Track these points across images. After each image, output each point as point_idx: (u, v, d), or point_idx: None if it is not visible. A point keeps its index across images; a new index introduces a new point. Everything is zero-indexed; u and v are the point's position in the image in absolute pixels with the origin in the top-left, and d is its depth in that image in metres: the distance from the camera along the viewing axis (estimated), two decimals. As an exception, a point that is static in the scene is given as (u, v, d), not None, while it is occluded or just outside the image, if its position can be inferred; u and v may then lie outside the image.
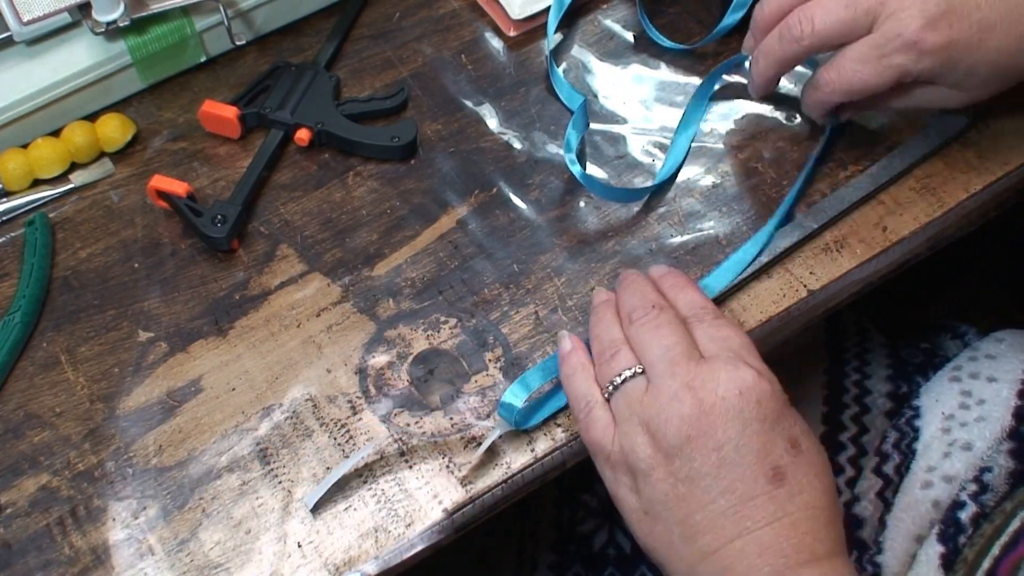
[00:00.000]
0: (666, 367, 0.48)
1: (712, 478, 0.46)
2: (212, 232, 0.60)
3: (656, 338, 0.49)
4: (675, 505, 0.46)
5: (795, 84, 0.67)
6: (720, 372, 0.47)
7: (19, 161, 0.63)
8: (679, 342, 0.49)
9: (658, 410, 0.47)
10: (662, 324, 0.50)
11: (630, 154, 0.65)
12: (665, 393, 0.47)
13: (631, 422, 0.48)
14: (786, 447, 0.47)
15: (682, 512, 0.46)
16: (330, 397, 0.56)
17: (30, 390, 0.57)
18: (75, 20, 0.64)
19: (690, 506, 0.46)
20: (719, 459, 0.46)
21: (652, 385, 0.48)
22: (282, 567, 0.51)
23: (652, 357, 0.49)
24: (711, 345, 0.49)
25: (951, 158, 0.63)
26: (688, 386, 0.47)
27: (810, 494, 0.46)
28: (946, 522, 0.58)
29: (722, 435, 0.46)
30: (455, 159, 0.65)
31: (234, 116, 0.65)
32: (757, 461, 0.46)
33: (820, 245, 0.60)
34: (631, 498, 0.49)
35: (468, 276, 0.60)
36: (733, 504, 0.46)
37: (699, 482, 0.46)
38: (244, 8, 0.68)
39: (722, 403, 0.46)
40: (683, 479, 0.46)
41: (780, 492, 0.46)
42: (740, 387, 0.47)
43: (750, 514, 0.45)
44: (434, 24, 0.72)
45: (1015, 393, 0.62)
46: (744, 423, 0.46)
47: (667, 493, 0.47)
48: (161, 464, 0.54)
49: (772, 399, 0.47)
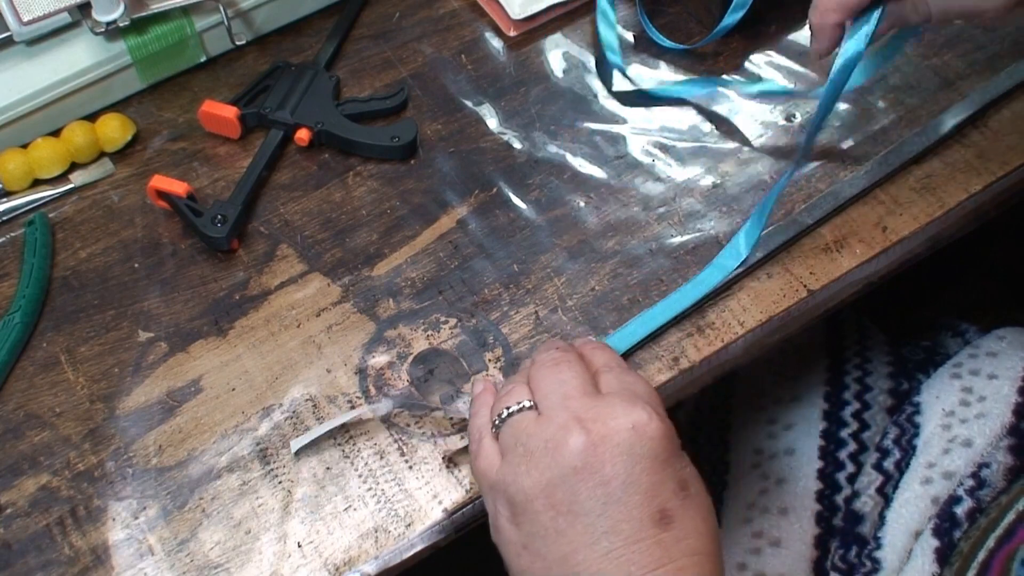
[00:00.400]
0: (559, 399, 0.46)
1: (596, 516, 0.43)
2: (212, 232, 0.60)
3: (553, 374, 0.48)
4: (555, 540, 0.44)
5: (795, 84, 0.68)
6: (616, 407, 0.45)
7: (19, 161, 0.63)
8: (576, 377, 0.47)
9: (544, 439, 0.45)
10: (561, 362, 0.48)
11: (630, 154, 0.65)
12: (554, 423, 0.45)
13: (516, 451, 0.46)
14: (675, 489, 0.44)
15: (562, 549, 0.44)
16: (330, 397, 0.56)
17: (30, 390, 0.57)
18: (75, 20, 0.64)
19: (572, 544, 0.44)
20: (605, 495, 0.43)
21: (542, 416, 0.46)
22: (282, 567, 0.51)
23: (545, 390, 0.47)
24: (614, 384, 0.48)
25: (951, 158, 0.63)
26: (579, 418, 0.45)
27: (696, 540, 0.44)
28: (942, 517, 0.58)
29: (610, 470, 0.44)
30: (455, 159, 0.65)
31: (234, 116, 0.65)
32: (645, 501, 0.43)
33: (820, 245, 0.60)
34: (510, 530, 0.46)
35: (468, 276, 0.60)
36: (617, 546, 0.43)
37: (582, 518, 0.43)
38: (244, 8, 0.68)
39: (613, 436, 0.44)
40: (565, 512, 0.44)
41: (667, 536, 0.43)
42: (633, 422, 0.44)
43: (635, 558, 0.43)
44: (434, 24, 0.72)
45: (1016, 390, 0.62)
46: (634, 459, 0.44)
47: (547, 527, 0.44)
48: (161, 464, 0.54)
49: (665, 439, 0.45)
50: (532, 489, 0.45)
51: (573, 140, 0.66)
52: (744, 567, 0.63)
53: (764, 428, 0.70)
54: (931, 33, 0.68)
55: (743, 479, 0.68)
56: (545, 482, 0.44)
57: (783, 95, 0.66)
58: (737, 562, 0.63)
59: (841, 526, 0.63)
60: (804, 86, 0.67)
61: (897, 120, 0.65)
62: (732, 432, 0.72)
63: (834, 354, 0.72)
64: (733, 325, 0.58)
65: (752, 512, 0.65)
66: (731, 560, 0.64)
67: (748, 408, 0.72)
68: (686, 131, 0.66)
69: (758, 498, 0.66)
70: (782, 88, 0.66)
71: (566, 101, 0.68)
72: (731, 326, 0.58)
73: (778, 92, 0.66)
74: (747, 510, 0.66)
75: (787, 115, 0.66)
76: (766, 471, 0.67)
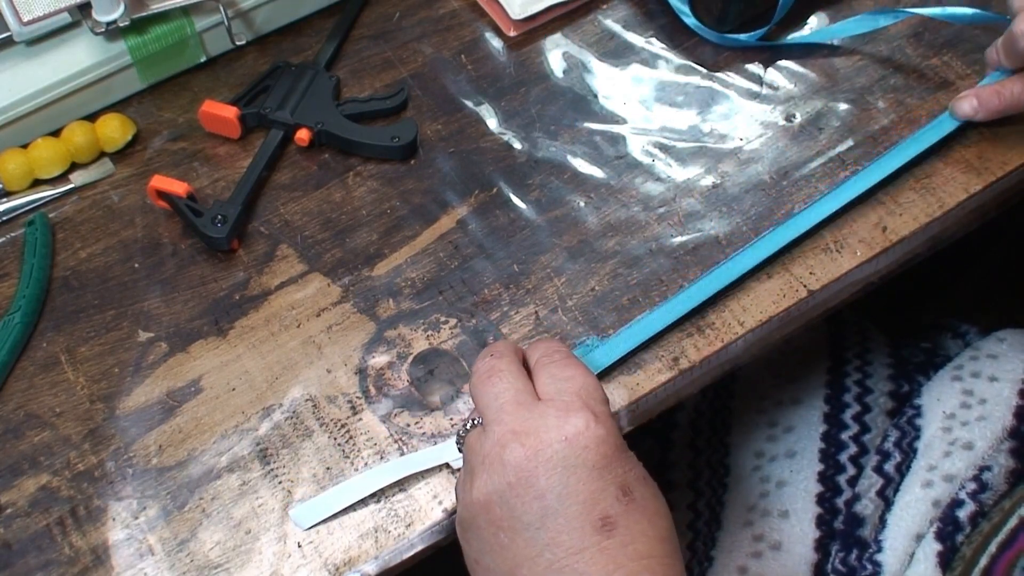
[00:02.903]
0: (494, 414, 0.46)
1: (535, 529, 0.43)
2: (212, 232, 0.60)
3: (487, 387, 0.47)
4: (500, 555, 0.44)
5: (795, 85, 0.68)
6: (549, 417, 0.45)
7: (19, 161, 0.63)
8: (509, 388, 0.47)
9: (483, 456, 0.45)
10: (494, 373, 0.48)
11: (630, 154, 0.65)
12: (491, 438, 0.45)
13: (464, 470, 0.47)
14: (617, 495, 0.44)
15: (508, 564, 0.44)
16: (330, 397, 0.56)
17: (30, 390, 0.57)
18: (75, 20, 0.64)
19: (515, 558, 0.43)
20: (541, 508, 0.43)
21: (483, 431, 0.46)
22: (282, 567, 0.51)
23: (482, 405, 0.47)
24: (550, 386, 0.47)
25: (951, 158, 0.63)
26: (513, 431, 0.44)
27: (644, 544, 0.43)
28: (944, 520, 0.58)
29: (544, 483, 0.43)
30: (455, 159, 0.65)
31: (234, 116, 0.65)
32: (584, 511, 0.43)
33: (820, 245, 0.60)
34: (465, 546, 0.46)
35: (468, 276, 0.60)
36: (560, 558, 0.42)
37: (522, 532, 0.43)
38: (244, 8, 0.68)
39: (547, 449, 0.44)
40: (505, 528, 0.44)
41: (611, 543, 0.42)
42: (567, 433, 0.44)
43: (580, 568, 0.42)
44: (434, 24, 0.72)
45: (1016, 392, 0.62)
46: (568, 470, 0.43)
47: (491, 542, 0.44)
48: (161, 464, 0.54)
49: (602, 444, 0.44)
50: (474, 505, 0.45)
51: (573, 140, 0.66)
52: (745, 570, 0.63)
53: (764, 431, 0.70)
54: (931, 33, 0.68)
55: (743, 482, 0.68)
56: (484, 498, 0.44)
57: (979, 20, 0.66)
58: (738, 565, 0.63)
59: (842, 529, 0.63)
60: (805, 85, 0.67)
61: (897, 120, 0.65)
62: (732, 435, 0.72)
63: (834, 356, 0.72)
64: (733, 325, 0.58)
65: (752, 515, 0.65)
66: (731, 563, 0.64)
67: (748, 411, 0.72)
68: (686, 131, 0.66)
69: (758, 501, 0.66)
70: (972, 14, 0.65)
71: (566, 101, 0.68)
72: (731, 326, 0.58)
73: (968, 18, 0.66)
74: (747, 513, 0.66)
75: (787, 115, 0.66)
76: (766, 474, 0.67)
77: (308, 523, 0.52)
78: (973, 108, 0.62)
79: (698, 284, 0.58)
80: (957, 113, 0.63)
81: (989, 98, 0.62)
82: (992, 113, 0.62)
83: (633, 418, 0.56)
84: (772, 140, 0.65)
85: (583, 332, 0.58)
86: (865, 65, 0.68)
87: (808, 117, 0.66)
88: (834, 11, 0.70)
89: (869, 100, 0.66)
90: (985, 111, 0.62)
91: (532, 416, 0.45)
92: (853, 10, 0.70)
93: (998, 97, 0.62)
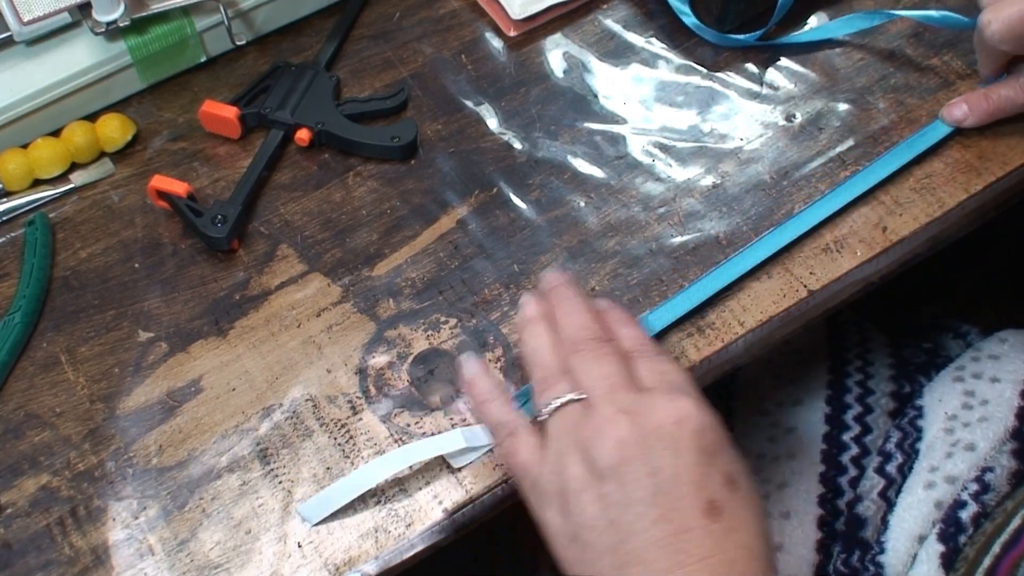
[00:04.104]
0: (605, 393, 0.47)
1: (645, 505, 0.44)
2: (212, 232, 0.60)
3: (598, 366, 0.48)
4: (605, 531, 0.44)
5: (795, 85, 0.68)
6: (659, 400, 0.46)
7: (19, 161, 0.63)
8: (619, 371, 0.48)
9: (593, 432, 0.45)
10: (605, 354, 0.49)
11: (630, 154, 0.65)
12: (602, 415, 0.46)
13: (564, 443, 0.46)
14: (724, 482, 0.45)
15: (612, 539, 0.44)
16: (330, 397, 0.56)
17: (30, 390, 0.57)
18: (75, 20, 0.64)
19: (621, 534, 0.44)
20: (654, 485, 0.44)
21: (589, 409, 0.47)
22: (282, 567, 0.51)
23: (591, 383, 0.47)
24: (650, 378, 0.48)
25: (951, 158, 0.63)
26: (626, 411, 0.45)
27: (746, 534, 0.44)
28: (947, 521, 0.58)
29: (658, 460, 0.44)
30: (455, 159, 0.65)
31: (234, 116, 0.65)
32: (693, 492, 0.44)
33: (820, 245, 0.60)
34: (558, 522, 0.46)
35: (468, 276, 0.60)
36: (667, 535, 0.43)
37: (632, 508, 0.44)
38: (244, 8, 0.68)
39: (659, 430, 0.45)
40: (614, 503, 0.44)
41: (716, 527, 0.43)
42: (678, 416, 0.45)
43: (685, 547, 0.43)
44: (434, 24, 0.72)
45: (1018, 393, 0.62)
46: (680, 452, 0.44)
47: (597, 517, 0.44)
48: (161, 464, 0.54)
49: (710, 431, 0.45)
50: (581, 481, 0.45)
51: (573, 140, 0.66)
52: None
53: (766, 431, 0.70)
54: (931, 33, 0.68)
55: None
56: (596, 474, 0.45)
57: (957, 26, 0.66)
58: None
59: (844, 530, 0.63)
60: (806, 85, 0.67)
61: (897, 120, 0.65)
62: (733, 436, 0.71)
63: (835, 357, 0.72)
64: (733, 325, 0.58)
65: None
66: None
67: (749, 412, 0.72)
68: (686, 131, 0.66)
69: None
70: (956, 18, 0.66)
71: (566, 101, 0.68)
72: (731, 326, 0.58)
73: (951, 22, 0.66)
74: None
75: (787, 115, 0.66)
76: (768, 475, 0.67)
77: (317, 518, 0.52)
78: (963, 113, 0.63)
79: (698, 284, 0.58)
80: (948, 119, 0.63)
81: (978, 102, 0.62)
82: (982, 117, 0.62)
83: (633, 418, 0.56)
84: (772, 140, 0.65)
85: (583, 332, 0.58)
86: (865, 65, 0.68)
87: (808, 117, 0.66)
88: (834, 11, 0.70)
89: (869, 100, 0.66)
90: (975, 116, 0.63)
91: (642, 398, 0.46)
92: (853, 10, 0.70)
93: (987, 101, 0.62)
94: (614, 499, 0.44)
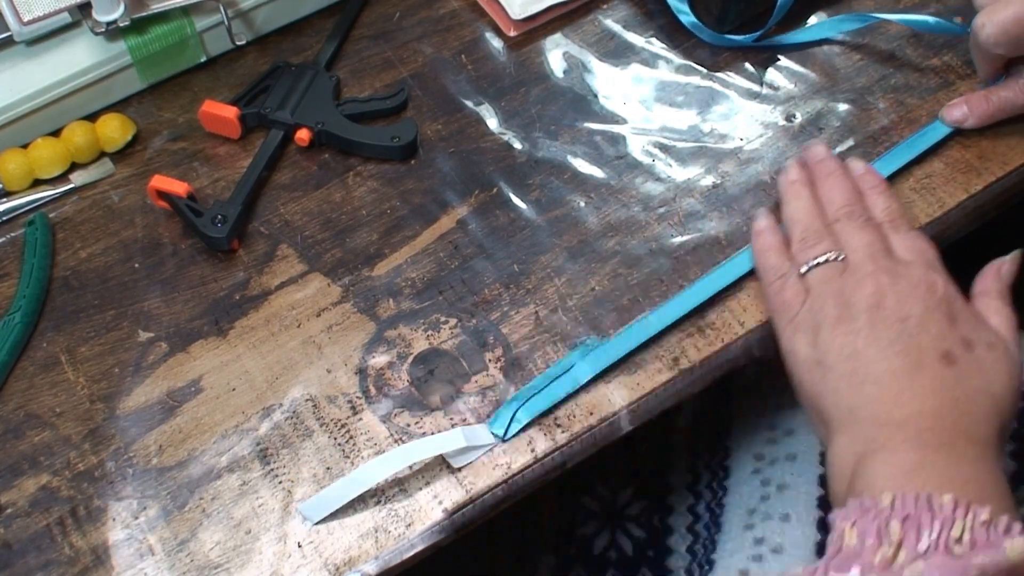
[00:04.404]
0: (865, 255, 0.54)
1: (889, 341, 0.50)
2: (212, 232, 0.60)
3: (859, 234, 0.55)
4: (850, 357, 0.51)
5: (795, 85, 0.68)
6: (914, 268, 0.53)
7: (19, 161, 0.63)
8: (879, 240, 0.55)
9: (853, 283, 0.53)
10: (865, 225, 0.56)
11: (630, 154, 0.65)
12: (863, 271, 0.53)
13: (824, 289, 0.53)
14: (962, 342, 0.50)
15: (855, 364, 0.50)
16: (330, 397, 0.56)
17: (30, 390, 0.57)
18: (75, 20, 0.64)
19: (864, 360, 0.50)
20: (901, 328, 0.50)
21: (850, 267, 0.54)
22: (282, 567, 0.51)
23: (853, 246, 0.54)
24: (908, 253, 0.54)
25: (951, 158, 0.63)
26: (885, 271, 0.53)
27: (972, 390, 0.49)
28: None
29: (907, 310, 0.51)
30: (455, 159, 0.65)
31: (234, 116, 0.65)
32: (934, 341, 0.50)
33: (820, 245, 0.60)
34: (807, 351, 0.53)
35: (468, 276, 0.60)
36: (904, 366, 0.49)
37: (877, 343, 0.50)
38: (244, 8, 0.68)
39: (913, 289, 0.52)
40: (862, 337, 0.51)
41: (948, 372, 0.49)
42: (931, 283, 0.52)
43: (917, 379, 0.49)
44: (434, 24, 0.72)
45: None
46: (928, 308, 0.51)
47: (845, 346, 0.51)
48: (161, 464, 0.54)
49: (956, 301, 0.52)
50: (836, 318, 0.52)
51: (573, 140, 0.66)
52: (745, 573, 0.63)
53: (765, 433, 0.70)
54: (931, 33, 0.68)
55: (744, 485, 0.68)
56: (849, 314, 0.52)
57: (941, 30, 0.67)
58: (739, 568, 0.63)
59: None
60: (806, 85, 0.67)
61: (897, 120, 0.65)
62: (733, 438, 0.71)
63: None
64: (733, 325, 0.58)
65: (754, 518, 0.65)
66: (732, 566, 0.64)
67: (749, 414, 0.72)
68: (686, 131, 0.66)
69: (759, 504, 0.66)
70: (938, 22, 0.67)
71: (566, 101, 0.68)
72: (731, 326, 0.58)
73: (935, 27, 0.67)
74: (748, 516, 0.66)
75: (787, 115, 0.66)
76: (767, 477, 0.67)
77: (318, 516, 0.52)
78: (964, 114, 0.63)
79: (698, 284, 0.58)
80: (947, 120, 0.64)
81: (979, 104, 0.63)
82: (982, 119, 0.63)
83: (633, 418, 0.56)
84: (772, 140, 0.65)
85: (583, 332, 0.58)
86: (865, 65, 0.68)
87: (808, 117, 0.66)
88: (833, 11, 0.70)
89: (869, 100, 0.66)
90: (975, 117, 0.63)
91: (898, 265, 0.53)
92: (853, 10, 0.70)
93: (987, 102, 0.62)
94: (863, 334, 0.51)
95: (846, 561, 0.45)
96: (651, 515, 0.72)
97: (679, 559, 0.69)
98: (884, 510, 0.45)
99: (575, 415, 0.55)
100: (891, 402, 0.49)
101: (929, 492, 0.45)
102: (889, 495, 0.45)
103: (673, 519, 0.71)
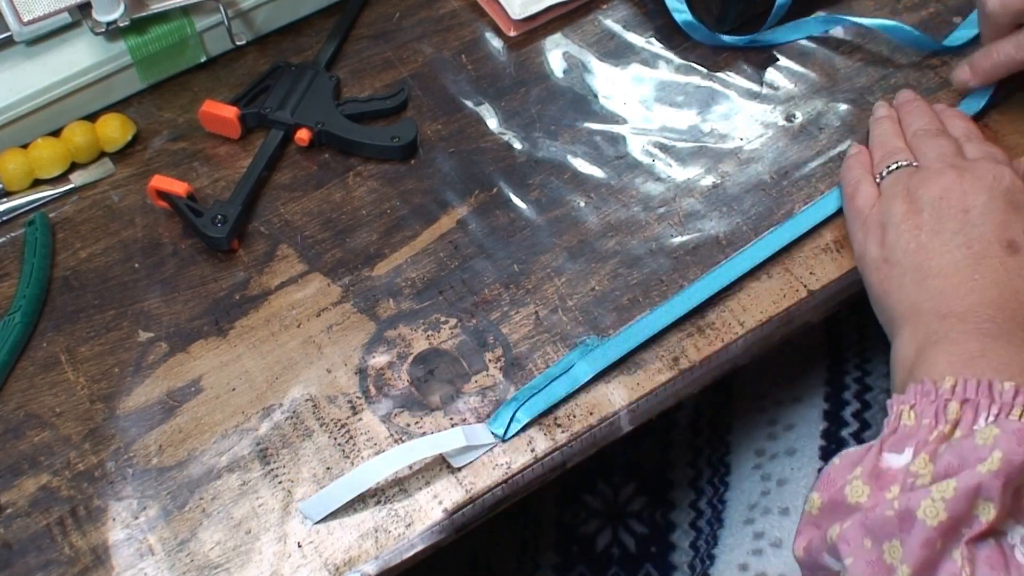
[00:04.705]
0: (936, 158, 0.56)
1: (953, 233, 0.52)
2: (212, 232, 0.60)
3: (933, 143, 0.58)
4: (915, 251, 0.53)
5: (795, 85, 0.68)
6: (981, 164, 0.55)
7: (19, 161, 0.63)
8: (951, 145, 0.57)
9: (921, 180, 0.55)
10: (940, 135, 0.58)
11: (630, 154, 0.65)
12: (930, 169, 0.55)
13: (894, 190, 0.56)
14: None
15: (920, 258, 0.52)
16: (330, 397, 0.56)
17: (30, 390, 0.57)
18: (75, 20, 0.64)
19: (928, 254, 0.52)
20: (964, 219, 0.52)
21: (921, 167, 0.56)
22: (282, 567, 0.51)
23: (925, 150, 0.57)
24: (977, 152, 0.57)
25: (951, 158, 0.63)
26: (952, 166, 0.55)
27: None
28: None
29: (971, 199, 0.53)
30: (455, 159, 0.65)
31: (234, 116, 0.65)
32: (997, 230, 0.52)
33: (820, 245, 0.60)
34: (875, 251, 0.55)
35: (468, 276, 0.60)
36: (967, 257, 0.51)
37: (941, 235, 0.52)
38: (244, 8, 0.68)
39: (978, 181, 0.53)
40: (927, 230, 0.53)
41: (1011, 261, 0.51)
42: (996, 174, 0.54)
43: (980, 270, 0.51)
44: (434, 24, 0.72)
45: None
46: (992, 198, 0.53)
47: (910, 241, 0.53)
48: (161, 464, 0.54)
49: (1021, 193, 0.54)
50: (902, 214, 0.54)
51: (573, 140, 0.66)
52: (746, 567, 0.63)
53: (765, 429, 0.70)
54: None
55: (744, 480, 0.68)
56: (916, 209, 0.54)
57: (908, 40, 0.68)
58: (739, 563, 0.63)
59: None
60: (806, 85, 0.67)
61: (897, 120, 0.65)
62: (733, 433, 0.72)
63: (833, 354, 0.72)
64: (733, 325, 0.58)
65: (754, 513, 0.65)
66: (733, 561, 0.64)
67: (748, 409, 0.72)
68: (686, 131, 0.66)
69: (759, 499, 0.66)
70: (904, 29, 0.67)
71: (566, 101, 0.68)
72: (731, 326, 0.58)
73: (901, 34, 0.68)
74: (748, 511, 0.66)
75: (787, 115, 0.66)
76: (767, 472, 0.67)
77: (318, 516, 0.52)
78: (967, 75, 0.63)
79: (698, 284, 0.58)
80: (956, 84, 0.65)
81: (980, 61, 0.63)
82: (985, 76, 0.63)
83: (633, 418, 0.56)
84: (772, 140, 0.65)
85: (583, 332, 0.58)
86: (865, 65, 0.68)
87: (808, 117, 0.66)
88: (833, 11, 0.70)
89: (869, 100, 0.66)
90: (978, 77, 0.63)
91: (967, 163, 0.55)
92: (853, 10, 0.70)
93: (987, 58, 0.62)
94: (928, 227, 0.53)
95: (901, 441, 0.46)
96: (653, 511, 0.72)
97: (682, 555, 0.69)
98: (944, 393, 0.46)
99: (575, 415, 0.55)
100: (953, 294, 0.50)
101: (990, 378, 0.45)
102: (951, 379, 0.46)
103: (675, 515, 0.71)
